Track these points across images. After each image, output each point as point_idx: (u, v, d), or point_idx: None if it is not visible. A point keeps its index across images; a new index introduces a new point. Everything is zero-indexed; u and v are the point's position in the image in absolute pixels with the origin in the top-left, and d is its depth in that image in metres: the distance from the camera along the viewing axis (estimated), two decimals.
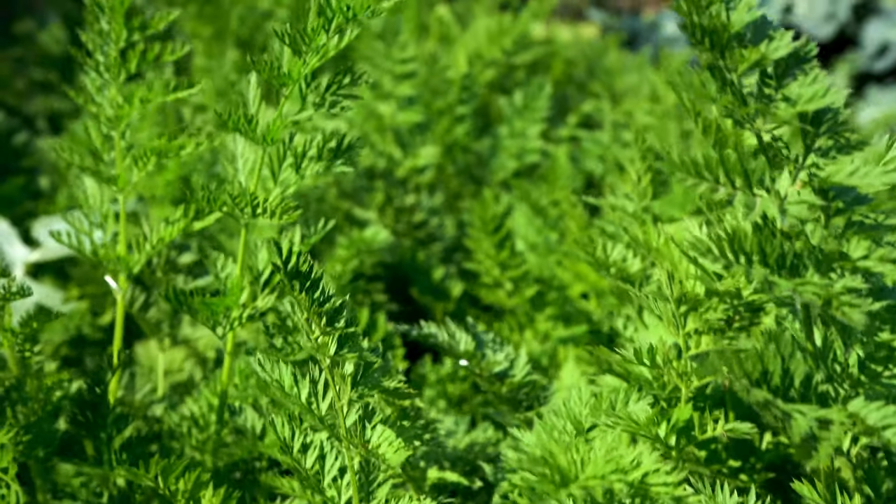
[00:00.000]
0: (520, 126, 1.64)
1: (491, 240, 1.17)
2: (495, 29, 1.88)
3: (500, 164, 1.64)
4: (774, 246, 0.55)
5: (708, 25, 0.53)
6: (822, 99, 0.52)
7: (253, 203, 0.77)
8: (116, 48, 0.85)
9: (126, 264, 0.86)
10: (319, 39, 0.73)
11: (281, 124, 0.77)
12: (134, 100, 0.85)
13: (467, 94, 1.63)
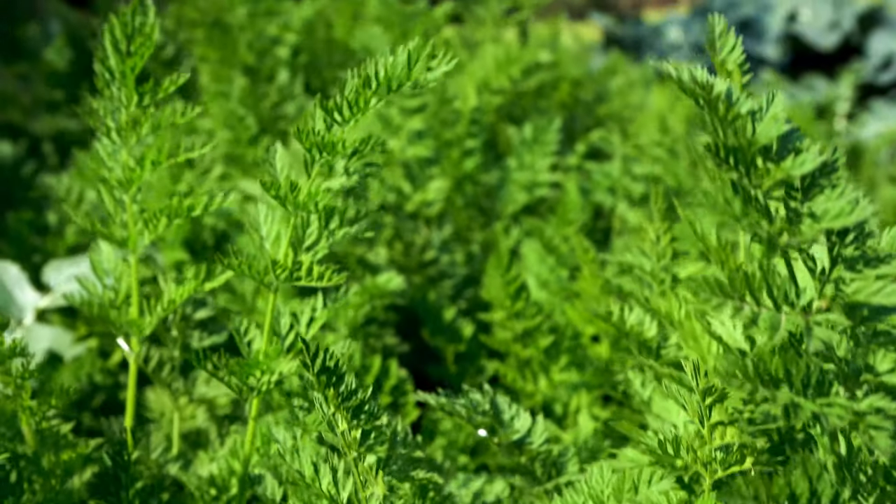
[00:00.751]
0: (529, 159, 1.64)
1: (506, 290, 1.16)
2: (503, 57, 1.87)
3: (510, 197, 1.64)
4: (800, 367, 0.54)
5: (732, 143, 0.52)
6: (850, 216, 0.52)
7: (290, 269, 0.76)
8: (128, 113, 0.84)
9: (139, 328, 0.85)
10: (360, 109, 0.73)
11: (316, 194, 0.77)
12: (146, 163, 0.85)
13: (477, 128, 1.63)
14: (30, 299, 1.23)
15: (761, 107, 0.54)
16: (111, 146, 0.85)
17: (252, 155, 1.57)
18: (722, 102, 0.52)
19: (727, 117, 0.52)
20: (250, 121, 1.57)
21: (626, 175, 1.70)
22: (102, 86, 0.84)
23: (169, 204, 0.85)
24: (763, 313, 0.52)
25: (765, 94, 0.55)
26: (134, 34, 0.82)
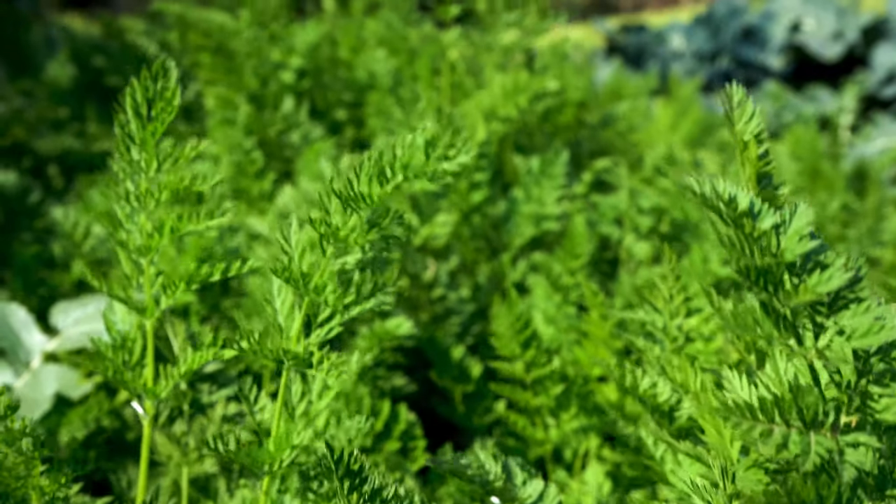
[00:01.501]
0: (536, 192, 1.64)
1: (517, 339, 1.16)
2: (510, 86, 1.87)
3: (517, 230, 1.64)
4: (831, 492, 0.54)
5: (761, 265, 0.51)
6: (878, 335, 0.51)
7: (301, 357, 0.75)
8: (147, 179, 0.84)
9: (154, 394, 0.85)
10: (374, 196, 0.72)
11: (327, 276, 0.76)
12: (164, 230, 0.84)
13: (484, 161, 1.62)
14: (37, 342, 1.23)
15: (785, 220, 0.54)
16: (129, 209, 0.85)
17: (258, 188, 1.57)
18: (747, 220, 0.51)
19: (752, 234, 0.51)
20: (256, 154, 1.56)
21: (632, 207, 1.69)
22: (122, 149, 0.83)
23: (188, 270, 0.84)
24: (793, 435, 0.51)
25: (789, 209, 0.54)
26: (155, 98, 0.82)
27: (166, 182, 0.83)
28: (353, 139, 2.33)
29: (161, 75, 0.82)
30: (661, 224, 1.75)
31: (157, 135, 0.83)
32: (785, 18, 5.98)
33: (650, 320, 0.97)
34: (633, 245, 1.68)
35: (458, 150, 0.71)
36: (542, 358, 1.15)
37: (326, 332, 0.77)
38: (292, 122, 1.87)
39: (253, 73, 1.95)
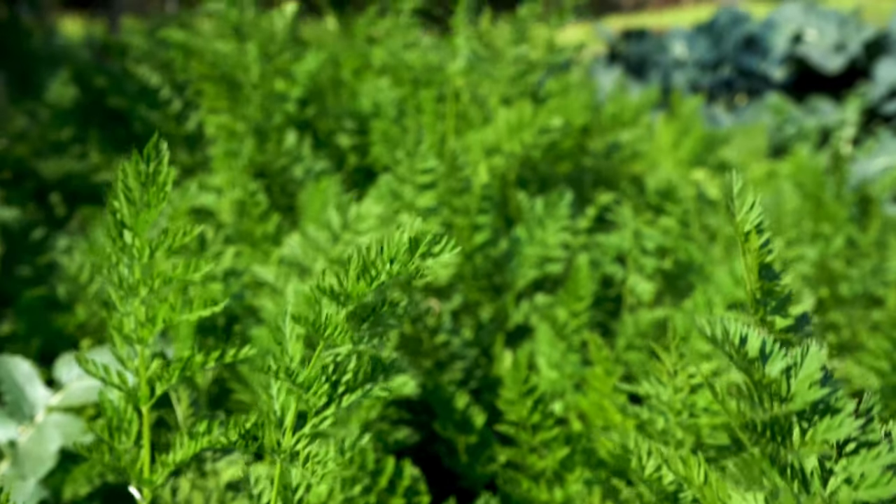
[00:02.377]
0: (540, 234, 1.64)
1: (523, 403, 1.16)
2: (515, 122, 1.87)
3: (520, 272, 1.64)
4: None
5: (769, 420, 0.51)
6: (887, 487, 0.51)
7: (291, 452, 0.76)
8: (140, 264, 0.83)
9: (150, 482, 0.85)
10: (359, 293, 0.72)
11: (318, 370, 0.76)
12: (157, 320, 0.84)
13: (487, 203, 1.62)
14: (41, 396, 1.23)
15: (796, 362, 0.54)
16: (123, 293, 0.84)
17: (262, 230, 1.57)
18: (756, 367, 0.51)
19: (762, 381, 0.51)
20: (260, 196, 1.56)
21: (636, 247, 1.69)
22: (115, 234, 0.83)
23: (186, 358, 0.84)
24: None
25: (800, 350, 0.54)
26: (147, 183, 0.82)
27: (159, 271, 0.83)
28: (357, 165, 2.33)
29: (153, 156, 0.82)
30: (665, 261, 1.75)
31: (151, 221, 0.82)
32: (787, 29, 5.97)
33: (654, 393, 0.97)
34: (637, 285, 1.67)
35: (442, 247, 0.71)
36: (549, 422, 1.15)
37: (320, 422, 0.77)
38: (295, 156, 1.87)
39: (257, 106, 1.94)
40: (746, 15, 6.72)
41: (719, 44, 6.66)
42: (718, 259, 1.81)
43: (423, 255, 0.71)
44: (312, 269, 1.37)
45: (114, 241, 0.83)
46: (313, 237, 1.38)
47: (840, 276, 1.81)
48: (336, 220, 1.38)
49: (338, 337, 0.74)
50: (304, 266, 1.38)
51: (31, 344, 1.59)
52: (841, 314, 1.76)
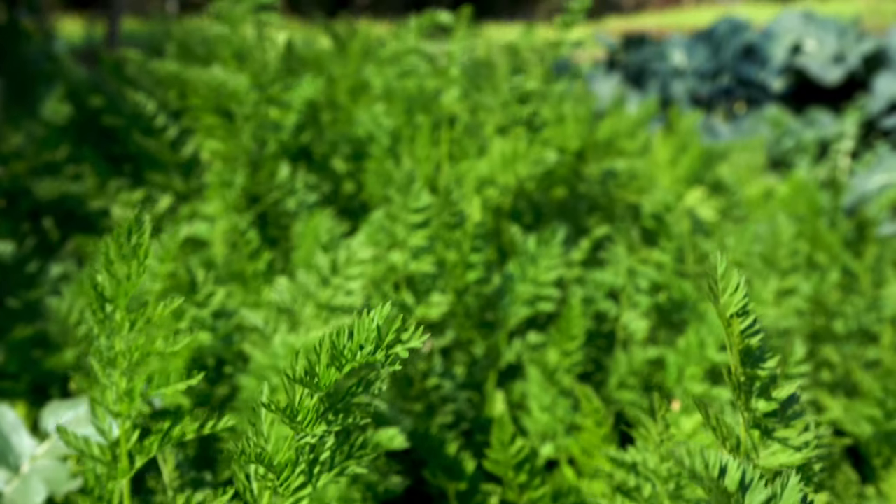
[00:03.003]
0: (532, 272, 1.63)
1: (511, 461, 1.15)
2: (510, 154, 1.86)
3: (512, 310, 1.63)
4: None
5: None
6: None
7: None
8: (121, 338, 0.83)
9: None
10: (330, 380, 0.72)
11: (291, 453, 0.76)
12: (134, 395, 0.84)
13: (480, 242, 1.61)
14: (27, 446, 1.22)
15: (776, 493, 0.53)
16: (103, 365, 0.84)
17: (253, 269, 1.56)
18: (736, 500, 0.51)
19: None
20: (251, 234, 1.56)
21: (630, 284, 1.69)
22: (96, 306, 0.82)
23: (165, 429, 0.84)
24: None
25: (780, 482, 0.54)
26: (128, 257, 0.81)
27: (138, 345, 0.82)
28: (352, 193, 2.32)
29: (135, 230, 0.81)
30: (660, 296, 1.74)
31: (131, 293, 0.82)
32: (786, 39, 5.97)
33: (641, 460, 0.97)
34: (631, 322, 1.67)
35: (411, 335, 0.71)
36: (536, 481, 1.15)
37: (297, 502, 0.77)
38: (288, 188, 1.86)
39: (250, 136, 1.94)
40: (746, 24, 6.71)
41: (718, 53, 6.65)
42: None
43: (392, 343, 0.71)
44: (301, 315, 1.37)
45: (95, 313, 0.83)
46: (302, 282, 1.38)
47: (836, 314, 1.81)
48: (325, 264, 1.37)
49: (309, 424, 0.73)
50: (293, 311, 1.37)
51: (21, 380, 1.59)
52: (835, 350, 1.75)
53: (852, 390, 1.71)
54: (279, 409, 0.73)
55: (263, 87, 1.93)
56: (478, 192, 1.88)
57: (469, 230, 1.60)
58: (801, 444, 0.73)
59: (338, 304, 1.36)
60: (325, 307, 1.36)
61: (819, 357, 1.76)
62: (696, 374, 1.55)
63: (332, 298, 1.36)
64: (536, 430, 1.48)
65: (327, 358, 0.72)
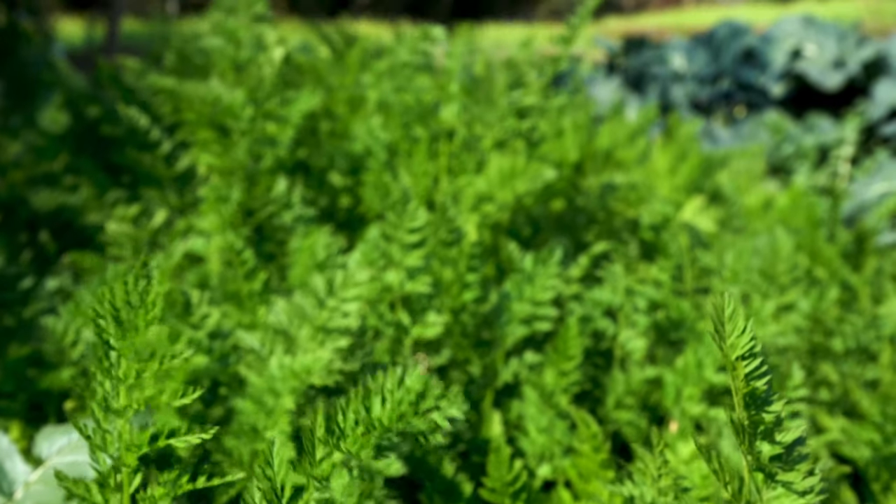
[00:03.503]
0: (529, 292, 1.62)
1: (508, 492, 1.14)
2: (508, 171, 1.85)
3: (509, 330, 1.62)
4: None
5: None
6: None
7: None
8: (125, 387, 0.82)
9: None
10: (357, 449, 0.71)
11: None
12: (135, 449, 0.83)
13: (476, 262, 1.61)
14: (20, 472, 1.21)
15: None
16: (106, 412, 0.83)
17: (248, 289, 1.55)
18: None
19: None
20: (247, 254, 1.55)
21: (629, 303, 1.68)
22: (101, 353, 0.81)
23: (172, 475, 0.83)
24: None
25: None
26: (134, 305, 0.80)
27: (142, 396, 0.81)
28: (350, 207, 2.32)
29: (142, 276, 0.80)
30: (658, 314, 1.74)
31: (137, 343, 0.81)
32: (786, 44, 5.96)
33: (638, 494, 0.96)
34: (629, 342, 1.66)
35: (451, 403, 0.70)
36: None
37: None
38: (284, 203, 1.85)
39: (246, 151, 1.93)
40: (745, 27, 6.70)
41: (718, 57, 6.65)
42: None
43: (429, 409, 0.70)
44: (298, 337, 1.36)
45: (100, 360, 0.81)
46: (298, 303, 1.37)
47: (833, 330, 1.80)
48: (321, 286, 1.37)
49: (332, 478, 0.72)
50: (289, 333, 1.36)
51: (17, 399, 1.58)
52: (833, 369, 1.74)
53: (851, 410, 1.70)
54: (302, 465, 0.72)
55: (260, 103, 1.92)
56: (475, 209, 1.87)
57: (466, 250, 1.59)
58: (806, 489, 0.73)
59: (334, 326, 1.35)
60: (321, 329, 1.35)
61: (817, 375, 1.76)
62: (694, 394, 1.54)
63: (329, 321, 1.35)
64: (534, 451, 1.48)
65: (354, 417, 0.71)
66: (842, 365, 1.75)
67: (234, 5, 2.07)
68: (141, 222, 2.04)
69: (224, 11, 2.11)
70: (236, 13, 2.09)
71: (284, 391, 1.19)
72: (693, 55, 6.88)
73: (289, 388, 1.20)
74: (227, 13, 2.11)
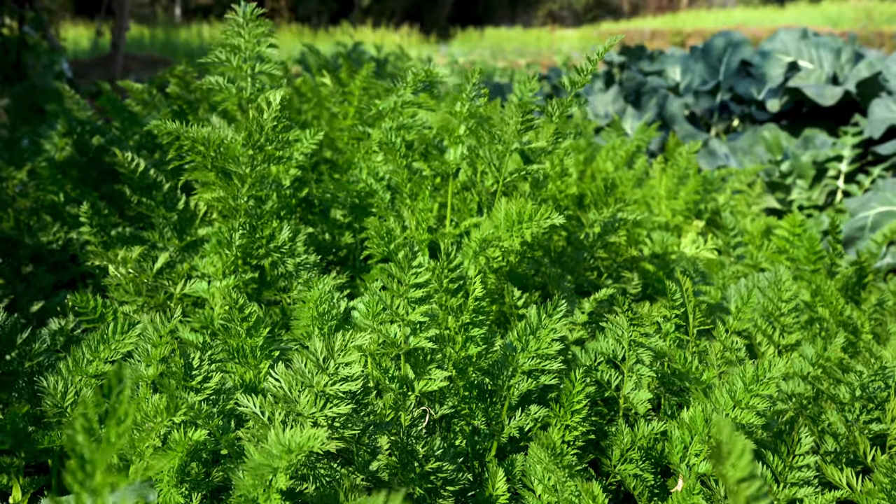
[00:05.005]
0: (534, 345, 1.61)
1: None
2: (515, 216, 1.84)
3: (514, 384, 1.61)
4: None
5: None
6: None
7: None
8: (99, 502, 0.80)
9: None
10: None
11: None
12: None
13: (480, 317, 1.60)
14: None
15: None
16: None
17: (250, 344, 1.54)
18: None
19: None
20: (250, 309, 1.53)
21: (633, 356, 1.67)
22: (75, 466, 0.79)
23: None
24: None
25: None
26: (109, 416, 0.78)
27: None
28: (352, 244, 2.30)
29: (115, 385, 0.79)
30: (661, 366, 1.73)
31: (111, 456, 0.79)
32: (783, 59, 5.96)
33: None
34: (633, 395, 1.65)
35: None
36: None
37: None
38: (288, 250, 1.84)
39: (249, 194, 1.92)
40: (743, 39, 6.71)
41: (715, 70, 6.65)
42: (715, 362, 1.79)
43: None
44: (299, 402, 1.35)
45: (73, 473, 0.80)
46: (299, 368, 1.36)
47: (839, 379, 1.79)
48: (321, 349, 1.35)
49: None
50: (290, 397, 1.35)
51: (17, 457, 1.57)
52: (839, 418, 1.73)
53: (858, 460, 1.70)
54: None
55: (261, 147, 1.91)
56: (481, 252, 1.86)
57: (471, 305, 1.58)
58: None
59: (334, 392, 1.34)
60: (322, 395, 1.34)
61: (823, 423, 1.75)
62: (701, 451, 1.53)
63: (330, 386, 1.34)
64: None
65: None
66: (847, 412, 1.74)
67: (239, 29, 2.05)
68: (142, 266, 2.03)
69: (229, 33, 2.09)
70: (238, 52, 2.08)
71: (280, 468, 1.18)
72: (690, 67, 6.88)
73: (284, 466, 1.18)
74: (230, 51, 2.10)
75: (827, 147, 4.92)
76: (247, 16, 2.07)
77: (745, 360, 1.83)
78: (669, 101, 6.26)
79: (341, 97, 2.98)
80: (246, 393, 1.50)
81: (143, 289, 2.01)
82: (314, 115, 3.35)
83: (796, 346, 2.04)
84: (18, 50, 7.39)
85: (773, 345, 2.02)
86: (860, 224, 3.62)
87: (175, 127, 1.93)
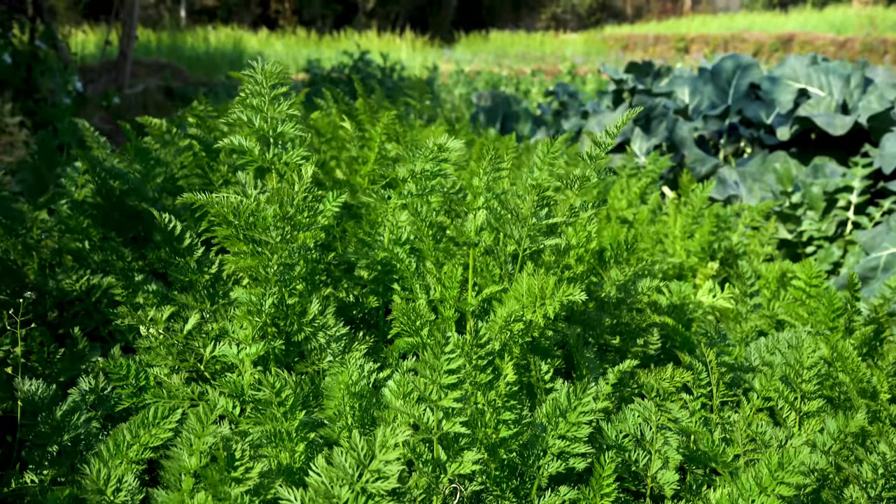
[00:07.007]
0: (563, 427, 1.64)
1: None
2: (538, 291, 1.87)
3: (543, 463, 1.64)
4: None
5: None
6: None
7: None
8: None
9: None
10: None
11: None
12: None
13: (512, 402, 1.63)
14: None
15: None
16: None
17: (286, 428, 1.57)
18: None
19: None
20: (282, 386, 1.56)
21: (660, 437, 1.70)
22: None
23: None
24: None
25: None
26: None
27: None
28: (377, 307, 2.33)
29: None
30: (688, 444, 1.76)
31: None
32: (793, 85, 5.99)
33: None
34: (661, 475, 1.68)
35: None
36: None
37: None
38: (318, 325, 1.87)
39: (279, 262, 1.95)
40: (752, 62, 6.73)
41: (724, 93, 6.68)
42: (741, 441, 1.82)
43: None
44: (340, 498, 1.38)
45: None
46: (340, 464, 1.39)
47: (861, 458, 1.82)
48: (362, 447, 1.38)
49: None
50: (332, 494, 1.38)
51: None
52: (862, 495, 1.76)
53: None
54: None
55: (292, 217, 1.94)
56: (506, 326, 1.89)
57: (502, 389, 1.61)
58: None
59: (376, 490, 1.37)
60: (363, 492, 1.37)
61: (846, 501, 1.78)
62: None
63: (371, 483, 1.37)
64: None
65: None
66: (870, 489, 1.77)
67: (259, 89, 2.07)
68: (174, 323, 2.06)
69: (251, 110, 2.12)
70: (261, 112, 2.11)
71: None
72: (699, 88, 6.91)
73: None
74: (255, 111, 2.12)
75: (836, 176, 4.95)
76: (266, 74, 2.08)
77: (769, 433, 1.86)
78: (679, 125, 6.29)
79: (360, 142, 3.02)
80: (284, 478, 1.53)
81: (174, 351, 2.04)
82: (332, 154, 3.38)
83: (818, 412, 2.06)
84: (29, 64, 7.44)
85: (794, 411, 2.05)
86: (873, 265, 3.65)
87: (206, 198, 1.96)
